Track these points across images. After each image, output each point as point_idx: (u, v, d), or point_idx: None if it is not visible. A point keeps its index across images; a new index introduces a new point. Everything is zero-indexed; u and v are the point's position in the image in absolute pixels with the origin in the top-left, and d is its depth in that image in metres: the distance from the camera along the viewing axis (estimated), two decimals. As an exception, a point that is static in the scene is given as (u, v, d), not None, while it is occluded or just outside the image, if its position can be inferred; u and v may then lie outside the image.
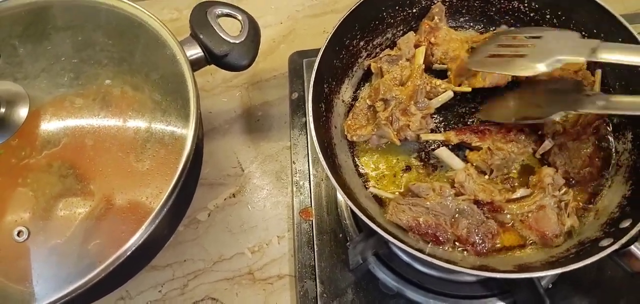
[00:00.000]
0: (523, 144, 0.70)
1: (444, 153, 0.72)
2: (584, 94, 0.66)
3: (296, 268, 0.75)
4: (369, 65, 0.81)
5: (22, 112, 0.65)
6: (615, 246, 0.55)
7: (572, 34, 0.67)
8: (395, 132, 0.71)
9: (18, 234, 0.59)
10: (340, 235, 0.77)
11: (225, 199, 0.85)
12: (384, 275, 0.72)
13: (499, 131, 0.71)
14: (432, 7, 0.82)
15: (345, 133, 0.75)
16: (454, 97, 0.76)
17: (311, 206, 0.80)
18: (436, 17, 0.80)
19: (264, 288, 0.76)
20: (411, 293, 0.71)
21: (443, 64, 0.79)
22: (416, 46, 0.79)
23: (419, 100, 0.72)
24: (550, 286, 0.70)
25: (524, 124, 0.71)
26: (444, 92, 0.75)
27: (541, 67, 0.63)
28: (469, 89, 0.75)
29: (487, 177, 0.69)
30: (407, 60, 0.78)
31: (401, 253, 0.73)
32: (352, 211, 0.73)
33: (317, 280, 0.73)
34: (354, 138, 0.74)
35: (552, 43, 0.65)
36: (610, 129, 0.72)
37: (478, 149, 0.71)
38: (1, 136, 0.63)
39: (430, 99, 0.75)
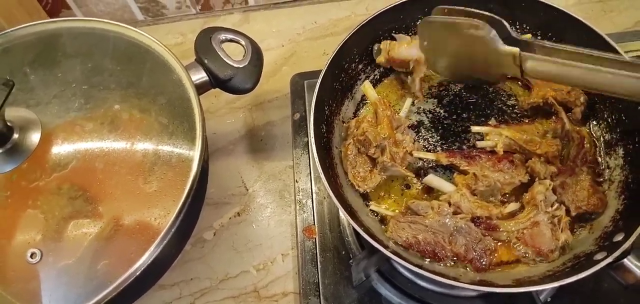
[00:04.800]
0: (510, 175, 0.70)
1: (433, 181, 0.73)
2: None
3: (300, 285, 0.76)
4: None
5: (35, 137, 0.66)
6: (609, 260, 0.56)
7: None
8: (402, 166, 0.73)
9: (31, 256, 0.60)
10: (343, 252, 0.78)
11: (230, 218, 0.86)
12: (387, 291, 0.73)
13: (489, 158, 0.72)
14: None
15: (355, 185, 0.74)
16: (452, 117, 0.80)
17: (314, 223, 0.81)
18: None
19: (269, 305, 0.78)
20: (413, 309, 0.71)
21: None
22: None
23: (396, 125, 0.75)
24: (549, 299, 0.71)
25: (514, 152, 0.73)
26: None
27: None
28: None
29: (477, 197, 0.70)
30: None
31: (403, 269, 0.74)
32: (354, 228, 0.75)
33: (321, 297, 0.74)
34: (366, 189, 0.73)
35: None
36: (600, 149, 0.74)
37: (466, 173, 0.72)
38: (15, 160, 0.65)
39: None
